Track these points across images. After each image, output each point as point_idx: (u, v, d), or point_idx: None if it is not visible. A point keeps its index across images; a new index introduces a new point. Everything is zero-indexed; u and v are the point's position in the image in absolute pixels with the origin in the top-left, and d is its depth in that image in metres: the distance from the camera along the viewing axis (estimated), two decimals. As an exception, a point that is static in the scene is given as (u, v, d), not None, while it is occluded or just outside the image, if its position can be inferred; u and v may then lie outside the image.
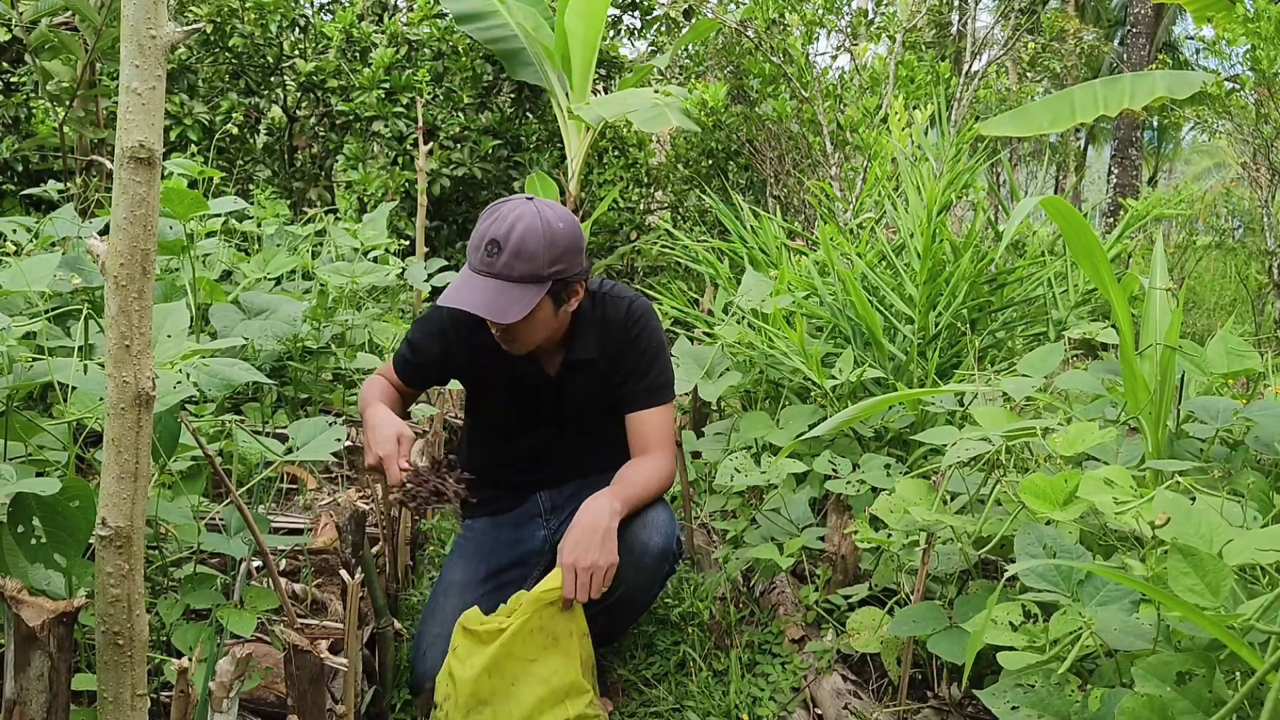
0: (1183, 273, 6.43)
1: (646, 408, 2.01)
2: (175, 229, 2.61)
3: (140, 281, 1.02)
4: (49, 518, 1.27)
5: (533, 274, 1.77)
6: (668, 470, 1.99)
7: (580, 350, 1.99)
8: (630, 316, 2.01)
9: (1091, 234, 1.80)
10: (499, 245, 1.76)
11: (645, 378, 2.01)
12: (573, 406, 2.07)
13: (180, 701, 1.20)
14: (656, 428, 2.00)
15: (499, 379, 2.04)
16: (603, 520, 1.80)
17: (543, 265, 1.77)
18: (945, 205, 2.88)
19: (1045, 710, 1.32)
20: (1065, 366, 3.22)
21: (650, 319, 2.03)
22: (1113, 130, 11.51)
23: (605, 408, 2.07)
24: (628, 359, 2.01)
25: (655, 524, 1.95)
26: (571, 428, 2.11)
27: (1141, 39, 10.67)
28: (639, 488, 1.93)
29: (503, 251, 1.75)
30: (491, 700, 1.73)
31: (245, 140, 5.91)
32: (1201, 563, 1.21)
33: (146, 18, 0.99)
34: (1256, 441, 1.84)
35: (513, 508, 2.20)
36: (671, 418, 2.04)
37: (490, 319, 1.79)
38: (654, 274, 5.96)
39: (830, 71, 6.52)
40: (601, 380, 2.03)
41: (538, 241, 1.76)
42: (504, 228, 1.77)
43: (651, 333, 2.02)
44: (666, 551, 1.95)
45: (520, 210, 1.79)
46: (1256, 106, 4.96)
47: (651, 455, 1.99)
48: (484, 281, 1.77)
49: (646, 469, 1.97)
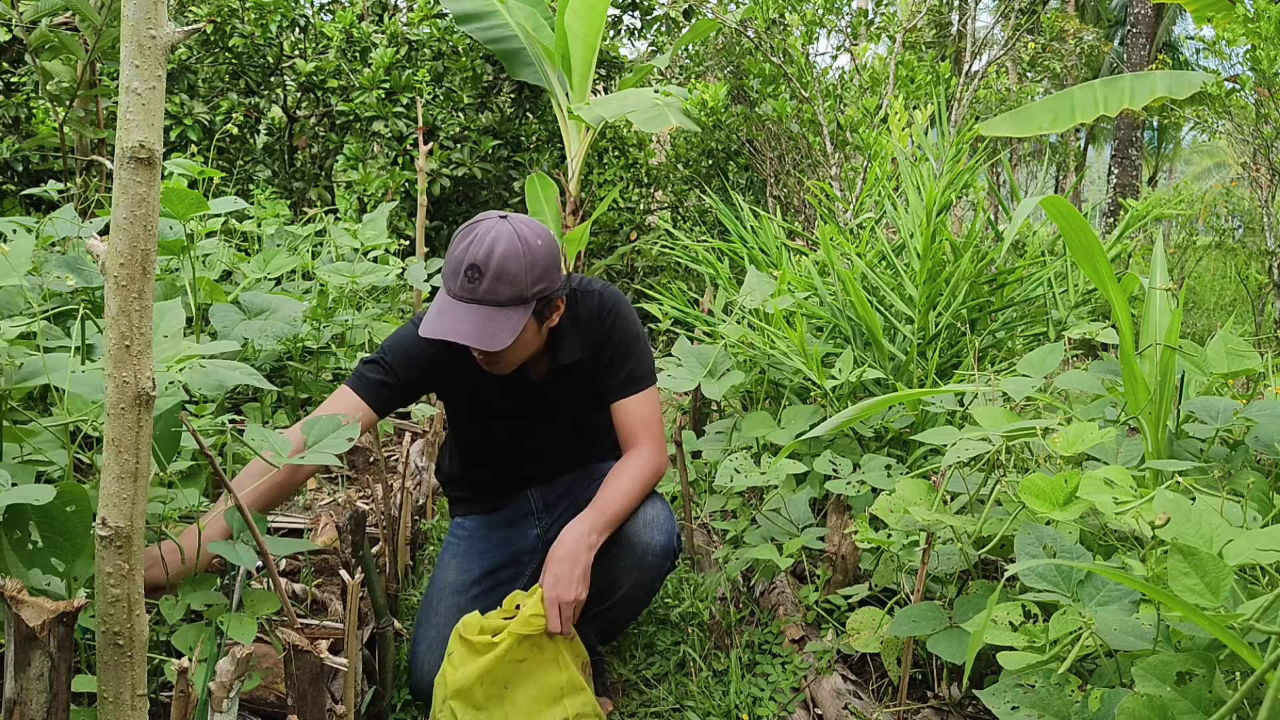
0: (1183, 273, 6.43)
1: (628, 396, 1.99)
2: (175, 229, 2.61)
3: (140, 281, 1.02)
4: (45, 523, 1.27)
5: (517, 296, 1.73)
6: (655, 461, 1.97)
7: (566, 354, 1.97)
8: (603, 308, 1.98)
9: (1091, 234, 1.80)
10: (479, 270, 1.71)
11: (624, 367, 1.99)
12: (563, 406, 2.06)
13: (180, 701, 1.20)
14: (639, 415, 1.99)
15: (486, 392, 2.02)
16: (581, 554, 1.80)
17: (526, 286, 1.73)
18: (945, 205, 2.88)
19: (1045, 710, 1.32)
20: (1065, 366, 3.22)
21: (621, 307, 2.00)
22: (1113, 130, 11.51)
23: (594, 401, 2.06)
24: (606, 351, 1.99)
25: (656, 522, 1.95)
26: (561, 426, 2.10)
27: (1141, 39, 10.67)
28: (620, 502, 1.91)
29: (484, 276, 1.70)
30: (487, 705, 1.74)
31: (245, 140, 5.91)
32: (1201, 563, 1.21)
33: (146, 18, 0.99)
34: (1256, 441, 1.84)
35: (503, 506, 2.20)
36: (655, 402, 2.02)
37: (478, 348, 1.75)
38: (654, 274, 5.96)
39: (830, 71, 6.52)
40: (588, 377, 2.02)
41: (519, 263, 1.72)
42: (482, 251, 1.71)
43: (625, 322, 1.99)
44: (668, 549, 1.95)
45: (497, 231, 1.73)
46: (1256, 106, 4.96)
47: (638, 449, 1.97)
48: (467, 309, 1.73)
49: (629, 474, 1.94)
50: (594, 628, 2.02)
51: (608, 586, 1.95)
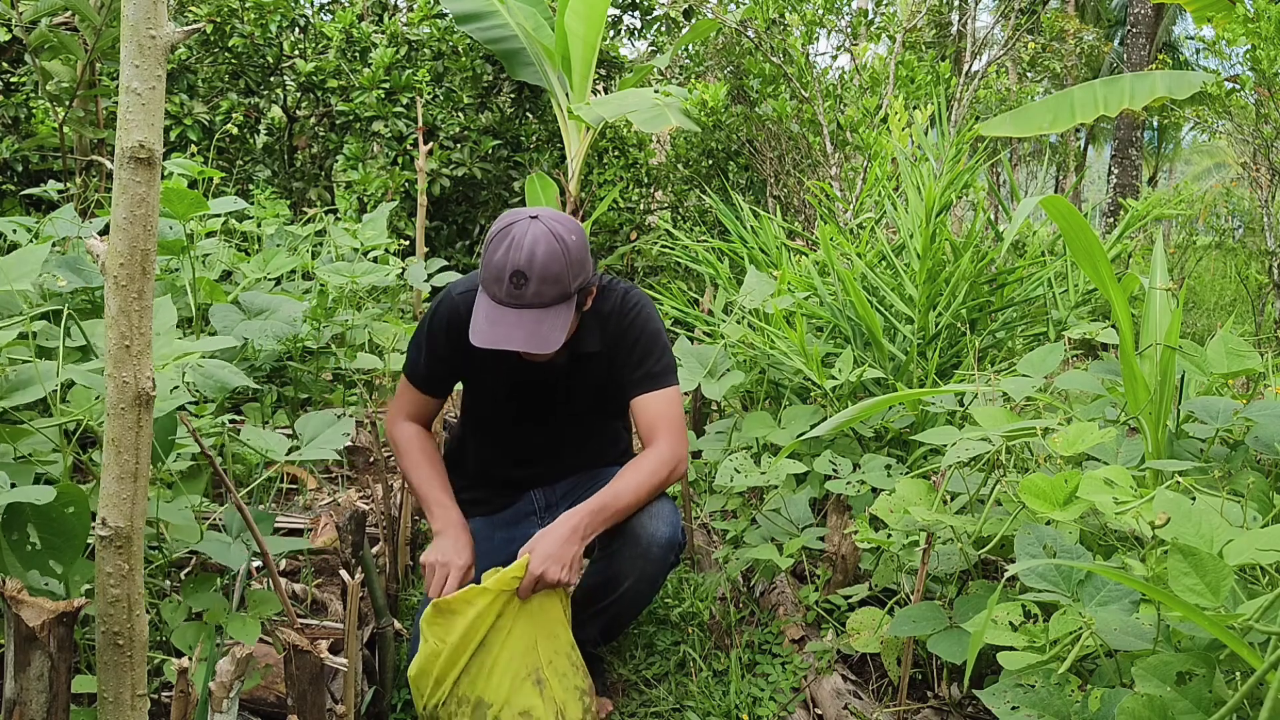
0: (1183, 273, 6.43)
1: (649, 391, 1.99)
2: (175, 229, 2.61)
3: (140, 281, 1.02)
4: (44, 524, 1.27)
5: (562, 294, 1.77)
6: (670, 459, 1.96)
7: (586, 344, 1.98)
8: (626, 304, 2.00)
9: (1091, 234, 1.80)
10: (524, 276, 1.73)
11: (644, 363, 1.99)
12: (578, 399, 2.07)
13: (180, 701, 1.20)
14: (660, 412, 1.98)
15: (506, 375, 2.03)
16: (574, 543, 1.80)
17: (569, 283, 1.77)
18: (945, 205, 2.88)
19: (1045, 710, 1.32)
20: (1065, 366, 3.22)
21: (645, 306, 2.02)
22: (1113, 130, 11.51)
23: (607, 399, 2.06)
24: (625, 345, 2.00)
25: (661, 515, 1.94)
26: (569, 422, 2.10)
27: (1141, 39, 10.67)
28: (627, 498, 1.90)
29: (530, 281, 1.73)
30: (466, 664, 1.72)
31: (245, 140, 5.90)
32: (1201, 563, 1.21)
33: (146, 18, 0.99)
34: (1256, 441, 1.84)
35: (506, 506, 2.20)
36: (676, 400, 2.01)
37: (537, 352, 1.79)
38: (654, 274, 5.96)
39: (830, 71, 6.52)
40: (605, 371, 2.02)
41: (560, 263, 1.75)
42: (524, 256, 1.74)
43: (648, 319, 2.00)
44: (673, 541, 1.95)
45: (534, 233, 1.75)
46: (1256, 106, 4.96)
47: (655, 445, 1.96)
48: (518, 314, 1.76)
49: (640, 471, 1.93)
50: (596, 625, 2.02)
51: (611, 580, 1.95)
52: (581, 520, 1.82)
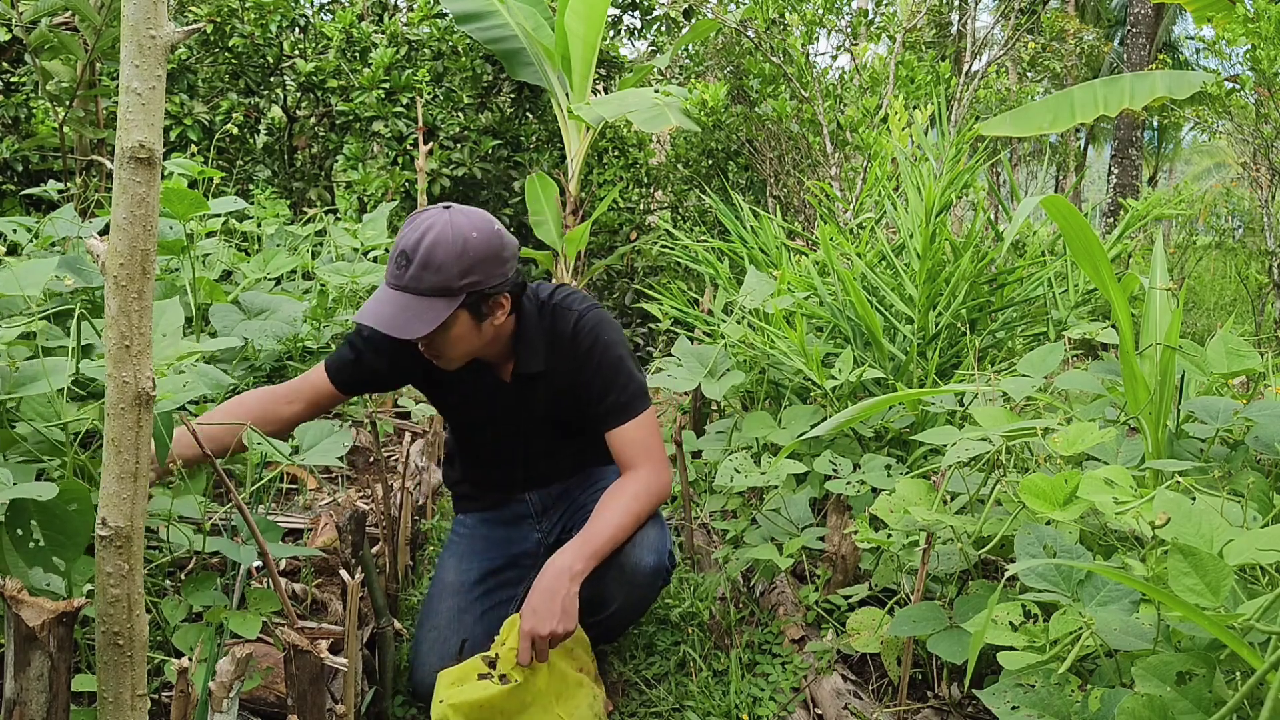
0: (1183, 273, 6.43)
1: (620, 424, 1.92)
2: (175, 229, 2.61)
3: (140, 281, 1.02)
4: (47, 521, 1.27)
5: (442, 286, 1.68)
6: (653, 484, 1.91)
7: (528, 363, 1.92)
8: (579, 331, 1.91)
9: (1091, 234, 1.80)
10: (407, 257, 1.67)
11: (607, 395, 1.91)
12: (539, 415, 2.02)
13: (180, 701, 1.20)
14: (634, 442, 1.91)
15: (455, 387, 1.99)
16: (562, 586, 1.76)
17: (453, 277, 1.68)
18: (945, 205, 2.88)
19: (1045, 710, 1.32)
20: (1065, 366, 3.22)
21: (603, 330, 1.92)
22: (1113, 130, 11.51)
23: (568, 419, 2.01)
24: (586, 376, 1.92)
25: (646, 543, 1.91)
26: (544, 434, 2.07)
27: (1141, 39, 10.67)
28: (610, 531, 1.84)
29: (411, 263, 1.67)
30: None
31: (245, 140, 5.91)
32: (1201, 563, 1.21)
33: (146, 18, 0.99)
34: (1256, 441, 1.84)
35: (500, 505, 2.20)
36: (650, 424, 1.94)
37: (391, 334, 1.69)
38: (654, 274, 5.96)
39: (830, 71, 6.52)
40: (559, 392, 1.96)
41: (447, 251, 1.67)
42: (414, 238, 1.67)
43: (606, 346, 1.91)
44: (659, 569, 1.93)
45: (432, 219, 1.69)
46: (1256, 106, 4.96)
47: (635, 474, 1.91)
48: (392, 295, 1.69)
49: (622, 501, 1.88)
50: (590, 634, 2.02)
51: (598, 602, 1.93)
52: (567, 562, 1.79)
